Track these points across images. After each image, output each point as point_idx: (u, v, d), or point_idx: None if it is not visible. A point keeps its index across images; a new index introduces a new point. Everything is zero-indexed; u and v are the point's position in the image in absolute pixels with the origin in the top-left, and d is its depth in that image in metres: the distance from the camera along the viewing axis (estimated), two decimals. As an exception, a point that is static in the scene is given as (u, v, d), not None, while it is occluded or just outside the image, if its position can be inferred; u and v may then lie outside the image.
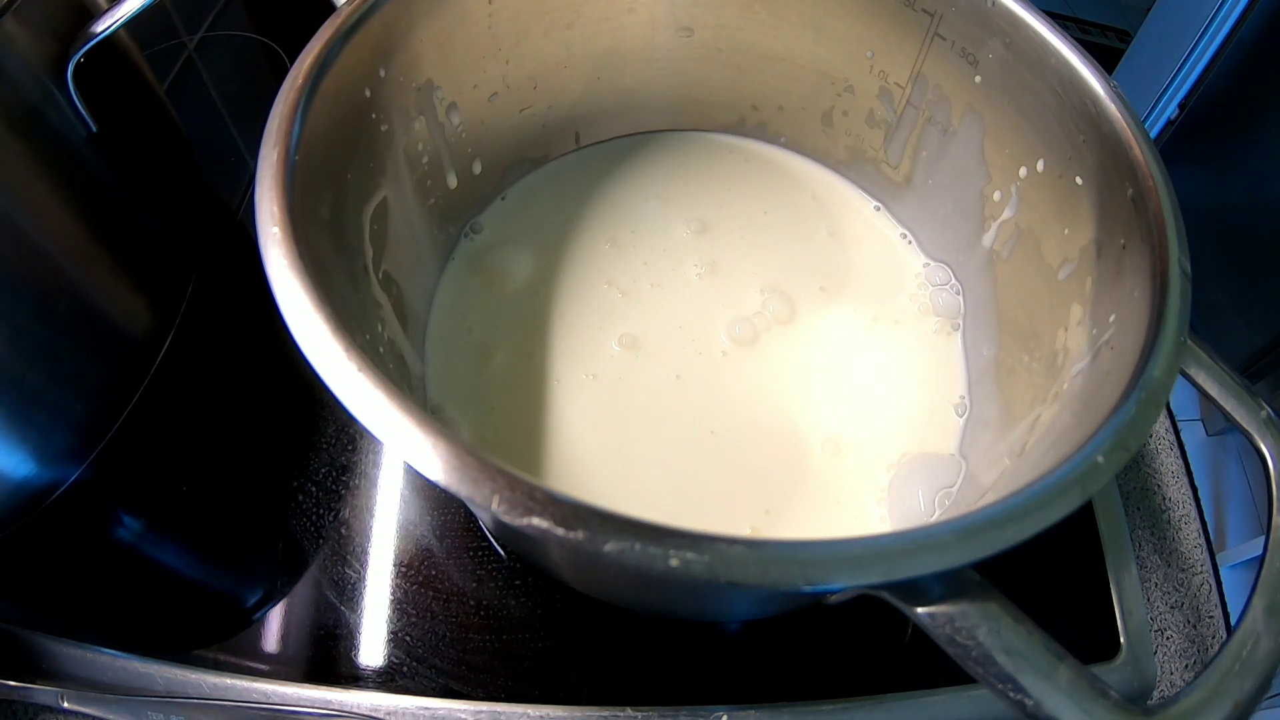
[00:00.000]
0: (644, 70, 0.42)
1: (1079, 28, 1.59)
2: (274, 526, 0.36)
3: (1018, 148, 0.34)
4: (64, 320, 0.34)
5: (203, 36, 0.56)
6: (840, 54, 0.39)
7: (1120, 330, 0.26)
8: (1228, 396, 0.26)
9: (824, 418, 0.36)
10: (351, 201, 0.29)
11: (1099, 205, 0.29)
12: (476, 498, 0.18)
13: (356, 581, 0.35)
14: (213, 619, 0.34)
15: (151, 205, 0.40)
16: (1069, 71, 0.30)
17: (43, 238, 0.32)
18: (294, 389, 0.40)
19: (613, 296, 0.39)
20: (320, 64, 0.27)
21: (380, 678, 0.32)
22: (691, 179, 0.44)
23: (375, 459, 0.38)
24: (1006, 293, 0.36)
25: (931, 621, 0.19)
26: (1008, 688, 0.19)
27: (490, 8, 0.34)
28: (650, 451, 0.34)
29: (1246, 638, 0.21)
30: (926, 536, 0.19)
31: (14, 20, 0.30)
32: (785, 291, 0.40)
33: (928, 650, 0.24)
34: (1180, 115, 1.12)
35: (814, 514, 0.33)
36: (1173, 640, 0.37)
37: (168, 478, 0.37)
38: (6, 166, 0.30)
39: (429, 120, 0.35)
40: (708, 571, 0.17)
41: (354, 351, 0.20)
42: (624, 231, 0.41)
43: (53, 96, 0.33)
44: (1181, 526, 0.41)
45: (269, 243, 0.22)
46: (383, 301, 0.31)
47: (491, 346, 0.37)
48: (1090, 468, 0.20)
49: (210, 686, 0.32)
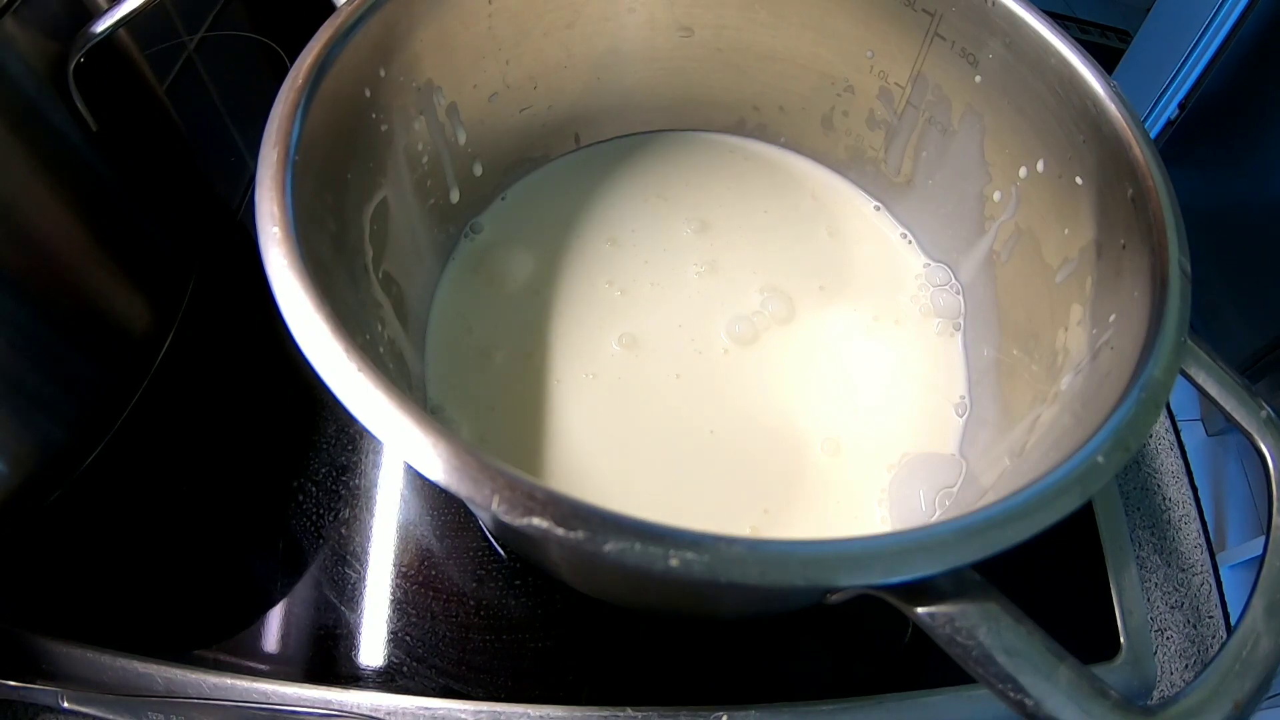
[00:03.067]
0: (644, 70, 0.42)
1: (1079, 28, 1.59)
2: (274, 526, 0.36)
3: (1018, 148, 0.34)
4: (64, 320, 0.34)
5: (203, 36, 0.56)
6: (840, 54, 0.39)
7: (1120, 330, 0.26)
8: (1228, 396, 0.26)
9: (824, 417, 0.36)
10: (351, 201, 0.29)
11: (1099, 205, 0.29)
12: (476, 498, 0.18)
13: (356, 581, 0.35)
14: (213, 619, 0.34)
15: (151, 205, 0.40)
16: (1069, 71, 0.30)
17: (43, 238, 0.32)
18: (294, 389, 0.40)
19: (613, 296, 0.39)
20: (320, 64, 0.27)
21: (380, 678, 0.32)
22: (692, 179, 0.44)
23: (375, 459, 0.38)
24: (1006, 293, 0.36)
25: (931, 621, 0.19)
26: (1008, 688, 0.19)
27: (490, 8, 0.34)
28: (650, 451, 0.35)
29: (1246, 638, 0.21)
30: (926, 536, 0.19)
31: (14, 20, 0.30)
32: (785, 291, 0.40)
33: (928, 650, 0.24)
34: (1180, 115, 1.12)
35: (814, 514, 0.33)
36: (1173, 640, 0.37)
37: (168, 477, 0.37)
38: (6, 166, 0.30)
39: (429, 120, 0.35)
40: (708, 571, 0.17)
41: (354, 352, 0.20)
42: (624, 231, 0.41)
43: (53, 96, 0.32)
44: (1181, 526, 0.41)
45: (269, 243, 0.22)
46: (383, 301, 0.31)
47: (491, 346, 0.37)
48: (1090, 468, 0.20)
49: (210, 686, 0.32)
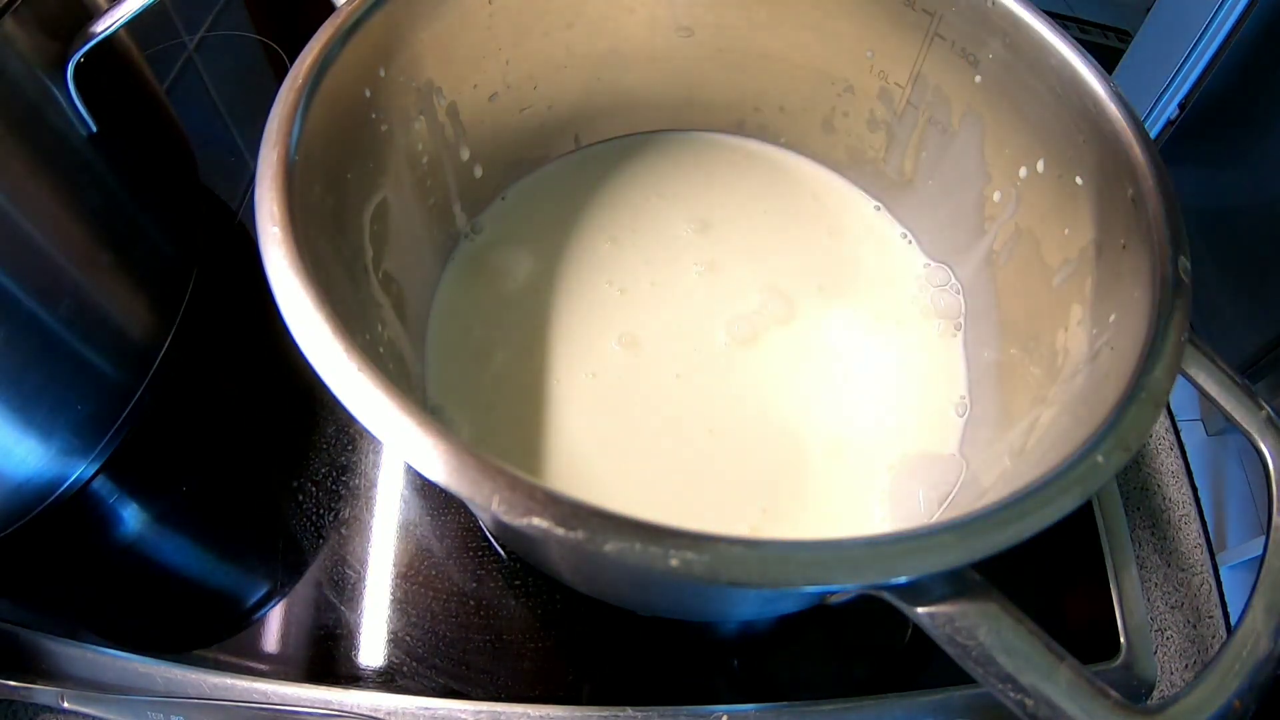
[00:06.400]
0: (644, 70, 0.42)
1: (1079, 28, 1.59)
2: (274, 526, 0.36)
3: (1018, 148, 0.34)
4: (64, 320, 0.34)
5: (203, 36, 0.56)
6: (840, 54, 0.39)
7: (1120, 330, 0.26)
8: (1228, 396, 0.26)
9: (824, 417, 0.36)
10: (351, 202, 0.29)
11: (1099, 205, 0.29)
12: (476, 498, 0.18)
13: (356, 581, 0.35)
14: (213, 619, 0.34)
15: (151, 205, 0.40)
16: (1069, 71, 0.30)
17: (43, 238, 0.32)
18: (294, 389, 0.40)
19: (612, 295, 0.39)
20: (320, 64, 0.27)
21: (380, 678, 0.32)
22: (691, 178, 0.44)
23: (375, 459, 0.38)
24: (1006, 294, 0.36)
25: (931, 621, 0.19)
26: (1008, 688, 0.19)
27: (490, 8, 0.34)
28: (650, 450, 0.34)
29: (1246, 638, 0.21)
30: (926, 536, 0.19)
31: (14, 20, 0.30)
32: (785, 291, 0.40)
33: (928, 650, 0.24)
34: (1180, 115, 1.12)
35: (813, 514, 0.33)
36: (1173, 640, 0.37)
37: (168, 478, 0.38)
38: (6, 166, 0.30)
39: (429, 120, 0.35)
40: (708, 571, 0.17)
41: (354, 351, 0.20)
42: (624, 230, 0.41)
43: (53, 96, 0.32)
44: (1181, 526, 0.41)
45: (269, 243, 0.22)
46: (383, 301, 0.31)
47: (491, 346, 0.37)
48: (1090, 468, 0.20)
49: (210, 686, 0.32)
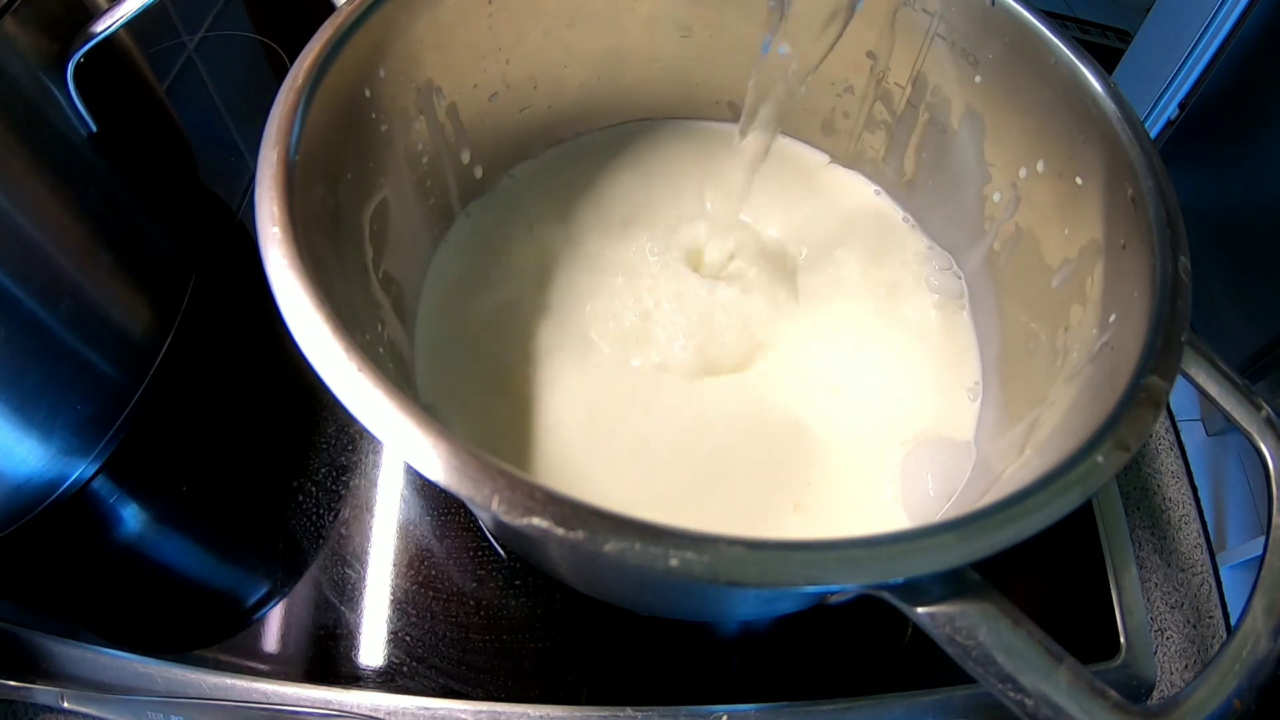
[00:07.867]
0: (644, 70, 0.42)
1: (1079, 28, 1.59)
2: (274, 526, 0.36)
3: (1018, 148, 0.34)
4: (64, 320, 0.34)
5: (203, 36, 0.56)
6: (840, 54, 0.39)
7: (1120, 330, 0.26)
8: (1228, 396, 0.26)
9: (827, 402, 0.36)
10: (351, 201, 0.29)
11: (1099, 205, 0.29)
12: (476, 498, 0.18)
13: (356, 581, 0.35)
14: (213, 619, 0.34)
15: (151, 205, 0.40)
16: (1069, 71, 0.30)
17: (43, 238, 0.32)
18: (294, 389, 0.40)
19: (611, 288, 0.38)
20: (320, 64, 0.27)
21: (380, 678, 0.32)
22: (691, 165, 0.43)
23: (375, 459, 0.38)
24: (1006, 294, 0.36)
25: (931, 621, 0.19)
26: (1008, 688, 0.19)
27: (490, 8, 0.34)
28: (649, 444, 0.34)
29: (1246, 638, 0.21)
30: (926, 536, 0.19)
31: (14, 20, 0.30)
32: (790, 275, 0.39)
33: (928, 650, 0.24)
34: (1180, 115, 1.12)
35: (822, 499, 0.33)
36: (1173, 640, 0.37)
37: (168, 478, 0.37)
38: (6, 166, 0.30)
39: (429, 120, 0.35)
40: (708, 571, 0.17)
41: (354, 351, 0.20)
42: (622, 221, 0.41)
43: (53, 96, 0.32)
44: (1181, 526, 0.41)
45: (269, 243, 0.22)
46: (383, 301, 0.31)
47: (487, 344, 0.37)
48: (1090, 468, 0.20)
49: (210, 686, 0.32)
